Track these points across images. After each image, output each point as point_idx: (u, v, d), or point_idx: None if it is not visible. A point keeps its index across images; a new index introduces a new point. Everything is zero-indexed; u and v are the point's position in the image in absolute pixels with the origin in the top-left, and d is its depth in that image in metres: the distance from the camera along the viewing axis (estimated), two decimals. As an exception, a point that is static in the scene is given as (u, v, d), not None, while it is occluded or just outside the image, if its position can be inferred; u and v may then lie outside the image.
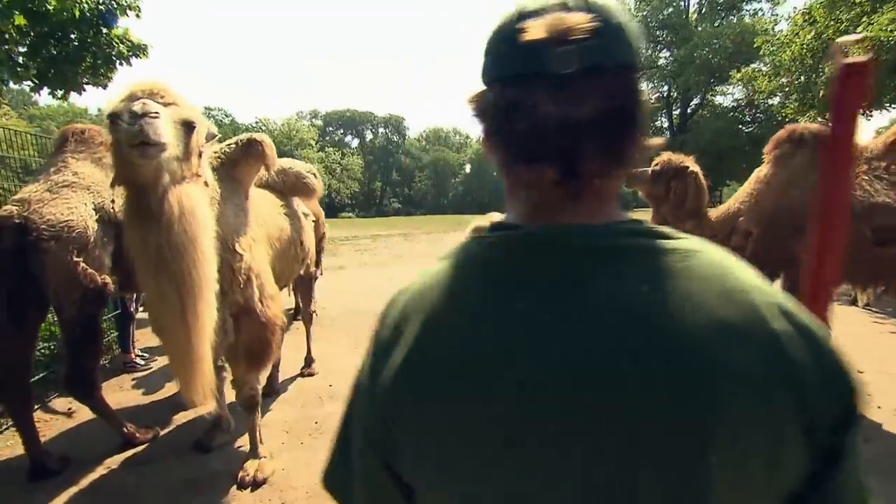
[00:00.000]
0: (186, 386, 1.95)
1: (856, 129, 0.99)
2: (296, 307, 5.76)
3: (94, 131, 3.21)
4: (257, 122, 51.66)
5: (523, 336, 0.47)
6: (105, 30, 6.15)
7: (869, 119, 10.21)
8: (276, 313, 2.68)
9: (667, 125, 28.11)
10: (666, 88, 26.84)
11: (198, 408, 2.82)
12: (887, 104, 9.06)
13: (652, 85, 25.39)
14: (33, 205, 2.68)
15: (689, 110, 27.89)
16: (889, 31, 6.46)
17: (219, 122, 45.05)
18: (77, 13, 5.45)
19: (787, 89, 10.95)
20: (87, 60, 6.27)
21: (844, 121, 0.98)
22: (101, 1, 5.71)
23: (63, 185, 2.83)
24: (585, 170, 0.51)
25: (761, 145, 3.70)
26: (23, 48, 5.71)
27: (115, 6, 5.90)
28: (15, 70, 5.64)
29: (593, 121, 0.48)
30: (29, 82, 6.19)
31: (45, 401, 3.66)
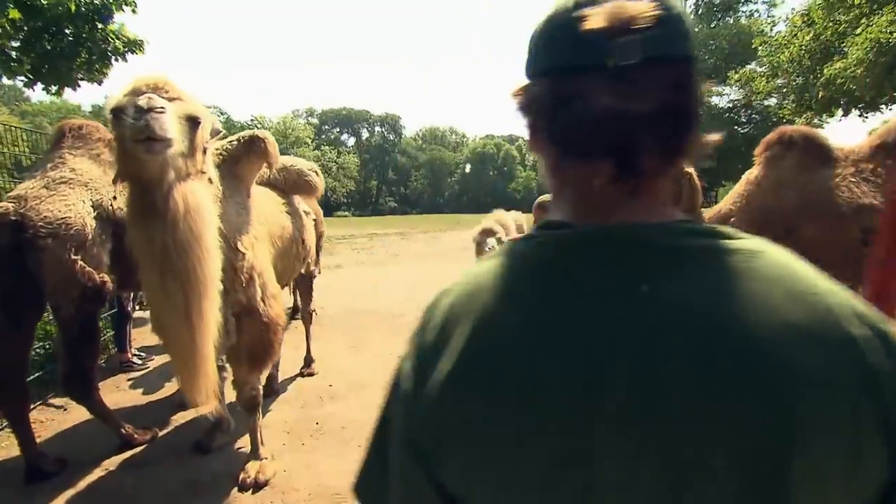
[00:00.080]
0: (189, 386, 1.92)
1: None
2: (294, 306, 5.72)
3: (91, 127, 3.16)
4: (253, 120, 51.45)
5: (585, 341, 0.45)
6: (100, 25, 6.08)
7: (865, 121, 10.33)
8: (278, 313, 2.65)
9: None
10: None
11: (196, 408, 2.79)
12: (883, 105, 9.13)
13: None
14: (30, 202, 2.63)
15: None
16: (889, 33, 6.52)
17: (214, 119, 44.67)
18: (73, 7, 5.38)
19: (784, 90, 11.02)
20: (82, 56, 6.19)
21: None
22: (96, -5, 5.63)
23: (60, 181, 2.78)
24: (643, 166, 0.49)
25: (757, 146, 3.71)
26: (16, 43, 5.62)
27: (111, 1, 5.82)
28: (8, 65, 5.55)
29: (652, 115, 0.47)
30: (22, 77, 6.10)
31: (42, 401, 3.60)
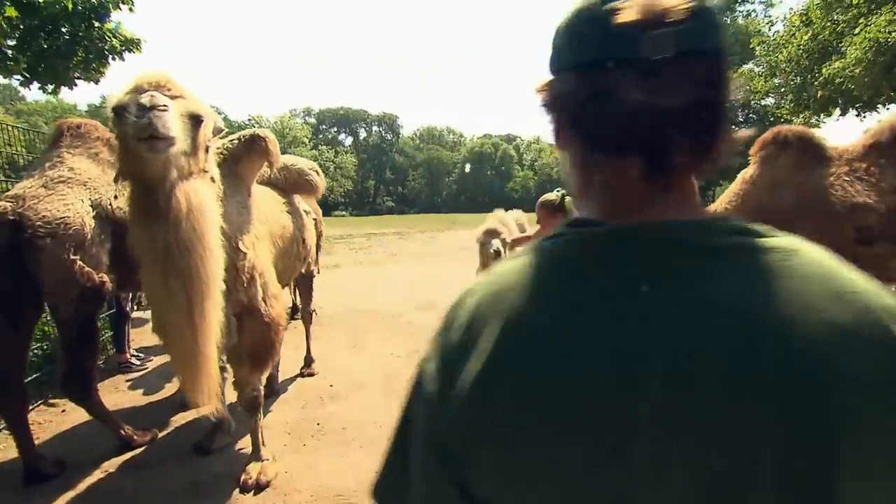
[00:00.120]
0: (192, 387, 1.90)
1: None
2: (293, 306, 5.69)
3: (90, 126, 3.13)
4: (250, 120, 51.31)
5: (619, 341, 0.43)
6: (97, 23, 6.04)
7: (862, 120, 10.38)
8: (279, 313, 2.63)
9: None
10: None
11: (197, 409, 2.77)
12: (880, 105, 9.16)
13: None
14: (28, 201, 2.60)
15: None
16: (888, 33, 6.54)
17: (211, 119, 44.61)
18: (70, 6, 5.33)
19: (782, 90, 11.06)
20: (79, 55, 6.14)
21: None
22: (94, -6, 5.59)
23: (59, 180, 2.76)
24: (675, 163, 0.48)
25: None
26: (12, 41, 5.57)
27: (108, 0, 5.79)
28: (4, 64, 5.50)
29: (684, 110, 0.46)
30: (19, 76, 6.05)
31: (42, 401, 3.57)
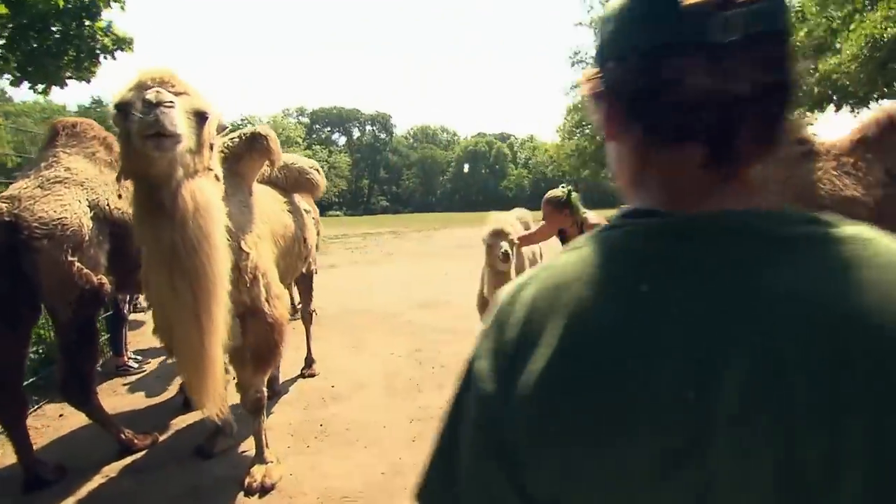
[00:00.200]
0: (198, 390, 1.86)
1: None
2: (293, 306, 5.64)
3: (85, 125, 3.08)
4: (243, 121, 50.86)
5: (693, 334, 0.42)
6: (88, 22, 5.95)
7: (856, 116, 10.48)
8: (282, 313, 2.60)
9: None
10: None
11: (198, 412, 2.72)
12: (874, 101, 9.24)
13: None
14: (24, 202, 2.54)
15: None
16: (883, 28, 6.59)
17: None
18: (61, 3, 5.25)
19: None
20: (70, 54, 6.04)
21: None
22: (84, -8, 5.50)
23: (55, 181, 2.70)
24: (739, 151, 0.46)
25: None
26: (2, 40, 5.47)
27: (99, -2, 5.70)
28: (-6, 63, 5.41)
29: (751, 95, 0.44)
30: (9, 76, 5.95)
31: (41, 404, 3.51)
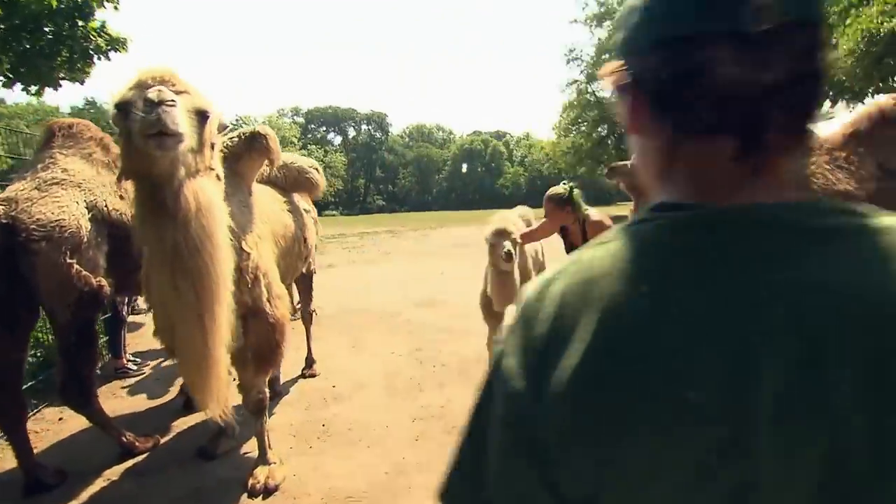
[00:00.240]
0: (202, 392, 1.85)
1: None
2: (293, 306, 5.62)
3: (82, 126, 3.06)
4: (238, 121, 50.66)
5: (731, 329, 0.41)
6: (81, 22, 5.89)
7: (852, 111, 10.50)
8: (284, 313, 2.58)
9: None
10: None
11: (199, 413, 2.70)
12: (869, 95, 9.29)
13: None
14: (21, 204, 2.52)
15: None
16: (878, 23, 6.61)
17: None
18: (53, 3, 5.19)
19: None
20: (63, 54, 5.98)
21: None
22: (77, -8, 5.44)
23: (52, 182, 2.68)
24: (770, 142, 0.45)
25: None
26: (-6, 41, 5.41)
27: (92, -3, 5.64)
28: (-14, 64, 5.35)
29: (783, 84, 0.43)
30: (1, 77, 5.89)
31: (36, 411, 3.48)
